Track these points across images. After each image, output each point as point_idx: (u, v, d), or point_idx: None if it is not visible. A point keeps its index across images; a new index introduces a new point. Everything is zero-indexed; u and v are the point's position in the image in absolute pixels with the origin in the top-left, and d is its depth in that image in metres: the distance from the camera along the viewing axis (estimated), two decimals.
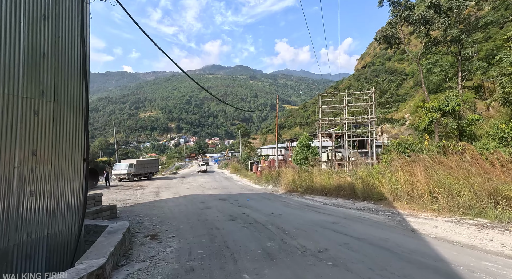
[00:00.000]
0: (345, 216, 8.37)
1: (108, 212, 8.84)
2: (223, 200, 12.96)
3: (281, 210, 9.88)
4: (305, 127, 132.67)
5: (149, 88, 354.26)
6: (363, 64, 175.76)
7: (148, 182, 24.31)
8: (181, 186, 20.51)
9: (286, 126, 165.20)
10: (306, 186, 14.04)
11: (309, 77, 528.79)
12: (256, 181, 20.80)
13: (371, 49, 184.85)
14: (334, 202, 11.14)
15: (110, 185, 21.07)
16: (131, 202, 13.23)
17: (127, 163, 25.76)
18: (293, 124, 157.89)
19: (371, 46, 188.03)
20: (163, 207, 11.45)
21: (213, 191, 16.66)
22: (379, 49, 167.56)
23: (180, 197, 14.35)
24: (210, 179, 25.85)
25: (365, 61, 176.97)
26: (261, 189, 16.85)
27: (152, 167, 30.12)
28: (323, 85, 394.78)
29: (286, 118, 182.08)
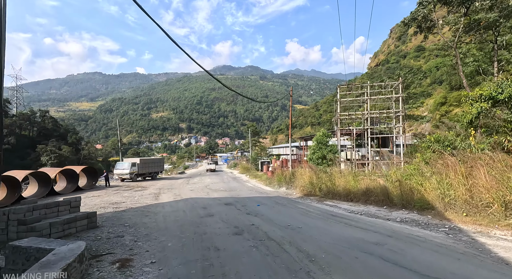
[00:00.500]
0: (388, 232, 6.24)
1: (85, 221, 7.14)
2: (229, 205, 11.07)
3: (300, 220, 7.87)
4: (317, 126, 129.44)
5: (161, 89, 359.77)
6: (376, 62, 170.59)
7: (151, 183, 22.86)
8: (185, 187, 18.84)
9: (297, 126, 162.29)
10: (326, 189, 11.93)
11: (320, 77, 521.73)
12: (267, 182, 18.82)
13: (385, 47, 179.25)
14: (364, 211, 9.00)
15: (110, 185, 19.73)
16: (125, 206, 11.59)
17: (129, 162, 24.36)
18: (304, 124, 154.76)
19: (385, 43, 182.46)
20: (158, 213, 9.69)
21: (219, 194, 14.83)
22: (393, 46, 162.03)
23: (181, 201, 12.59)
24: (217, 180, 24.11)
25: (378, 59, 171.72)
26: (273, 192, 14.87)
27: (157, 166, 28.74)
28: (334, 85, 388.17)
29: (297, 117, 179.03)
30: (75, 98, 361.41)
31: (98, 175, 19.63)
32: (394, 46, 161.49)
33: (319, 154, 16.27)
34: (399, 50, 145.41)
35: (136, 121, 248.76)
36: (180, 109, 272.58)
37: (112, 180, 24.43)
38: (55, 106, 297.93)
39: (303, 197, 12.50)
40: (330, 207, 10.05)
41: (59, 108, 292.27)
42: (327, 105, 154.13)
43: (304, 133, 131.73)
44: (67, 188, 16.76)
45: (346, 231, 6.46)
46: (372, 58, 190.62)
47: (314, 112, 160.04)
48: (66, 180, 17.23)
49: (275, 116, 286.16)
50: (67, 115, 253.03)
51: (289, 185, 15.07)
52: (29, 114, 77.72)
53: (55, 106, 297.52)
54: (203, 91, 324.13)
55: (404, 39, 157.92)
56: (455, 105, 61.93)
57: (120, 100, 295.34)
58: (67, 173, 17.29)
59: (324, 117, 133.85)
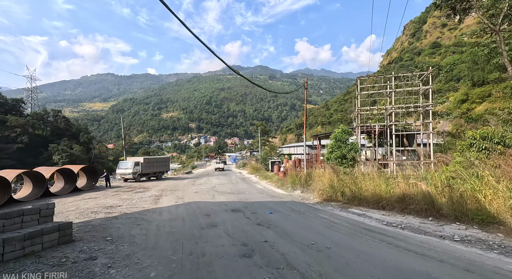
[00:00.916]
0: (460, 262, 4.41)
1: (56, 235, 5.68)
2: (237, 211, 9.46)
3: (326, 236, 6.14)
4: (327, 126, 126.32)
5: (171, 89, 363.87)
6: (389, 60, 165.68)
7: (155, 183, 21.58)
8: (189, 188, 17.39)
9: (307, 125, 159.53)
10: (351, 194, 10.11)
11: (330, 76, 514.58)
12: (279, 184, 17.10)
13: (398, 44, 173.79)
14: (404, 223, 7.16)
15: (110, 186, 18.56)
16: (119, 211, 10.19)
17: (132, 161, 22.86)
18: (314, 123, 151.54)
19: (398, 41, 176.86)
20: (152, 222, 8.19)
21: (226, 197, 13.25)
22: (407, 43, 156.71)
23: (182, 205, 11.08)
24: (225, 181, 22.58)
25: (391, 57, 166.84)
26: (287, 196, 13.16)
27: (162, 166, 27.21)
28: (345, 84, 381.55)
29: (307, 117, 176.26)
30: (88, 99, 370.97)
31: (98, 175, 18.51)
32: (408, 43, 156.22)
33: (338, 153, 14.40)
34: (413, 47, 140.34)
35: (147, 121, 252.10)
36: (190, 109, 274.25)
37: (114, 181, 23.36)
38: (70, 107, 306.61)
39: (322, 203, 10.72)
40: (358, 216, 8.25)
41: (73, 108, 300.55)
42: (337, 104, 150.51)
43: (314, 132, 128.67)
44: (64, 189, 15.64)
45: (396, 257, 4.69)
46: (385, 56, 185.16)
47: (324, 111, 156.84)
48: (63, 180, 16.14)
49: (284, 116, 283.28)
50: (81, 115, 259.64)
51: (305, 188, 13.30)
52: (43, 113, 79.16)
53: (69, 107, 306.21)
54: (212, 91, 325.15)
55: (418, 36, 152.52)
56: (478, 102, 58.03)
57: (132, 101, 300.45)
58: (65, 172, 16.22)
59: (335, 116, 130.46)
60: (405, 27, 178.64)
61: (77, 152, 70.20)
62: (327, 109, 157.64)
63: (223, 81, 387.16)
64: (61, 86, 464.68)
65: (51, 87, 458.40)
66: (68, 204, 12.15)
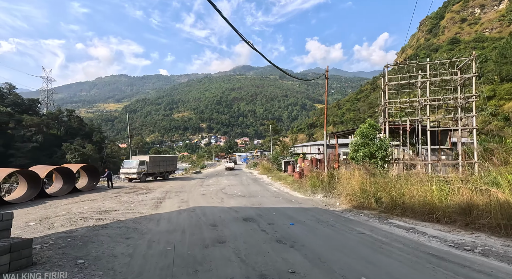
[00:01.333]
0: None
1: (6, 259, 4.15)
2: (250, 221, 7.73)
3: (377, 265, 4.30)
4: (339, 125, 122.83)
5: (183, 90, 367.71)
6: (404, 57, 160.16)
7: (160, 184, 20.21)
8: (196, 190, 15.85)
9: (318, 125, 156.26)
10: (390, 201, 8.16)
11: (341, 75, 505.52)
12: (295, 186, 15.26)
13: (414, 41, 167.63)
14: (479, 244, 5.21)
15: (113, 186, 17.31)
16: (113, 217, 8.71)
17: (137, 160, 21.31)
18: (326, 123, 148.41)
19: (414, 37, 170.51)
20: (145, 234, 6.59)
21: (236, 201, 11.57)
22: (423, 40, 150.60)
23: (185, 212, 9.47)
24: (235, 182, 20.94)
25: (406, 54, 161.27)
26: (306, 201, 11.33)
27: (169, 165, 25.52)
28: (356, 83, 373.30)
29: (318, 116, 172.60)
30: (103, 100, 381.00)
31: (99, 175, 17.32)
32: (424, 39, 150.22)
33: (365, 151, 12.42)
34: (430, 44, 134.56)
35: (159, 121, 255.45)
36: (201, 109, 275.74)
37: (118, 181, 22.21)
38: (85, 107, 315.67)
39: (352, 211, 8.82)
40: (407, 232, 6.33)
41: (88, 109, 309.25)
42: (350, 103, 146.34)
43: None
44: (62, 190, 14.46)
45: None
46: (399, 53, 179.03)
47: (336, 110, 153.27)
48: (62, 180, 15.00)
49: (295, 115, 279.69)
50: (95, 115, 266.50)
51: (328, 192, 11.40)
52: (57, 113, 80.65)
53: (85, 107, 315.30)
54: (222, 91, 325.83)
55: (435, 32, 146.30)
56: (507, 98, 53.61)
57: (144, 101, 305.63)
58: (64, 172, 15.06)
59: (347, 115, 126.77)
60: (421, 23, 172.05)
61: (89, 151, 70.88)
62: (339, 108, 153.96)
63: (234, 81, 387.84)
64: (77, 88, 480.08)
65: (68, 88, 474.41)
66: (60, 207, 10.84)
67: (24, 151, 59.73)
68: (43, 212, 10.07)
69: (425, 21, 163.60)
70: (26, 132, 64.58)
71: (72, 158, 64.43)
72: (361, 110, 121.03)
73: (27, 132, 64.63)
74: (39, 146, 64.00)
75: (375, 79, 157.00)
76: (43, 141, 65.89)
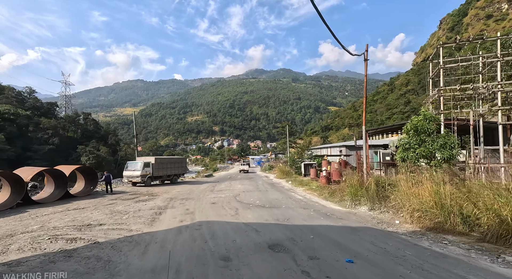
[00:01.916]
0: None
1: None
2: (279, 251, 5.12)
3: None
4: (355, 128, 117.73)
5: (196, 94, 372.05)
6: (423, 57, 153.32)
7: (166, 188, 17.95)
8: (206, 197, 13.41)
9: (332, 127, 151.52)
10: (497, 223, 5.31)
11: (355, 78, 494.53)
12: (325, 194, 12.44)
13: (434, 40, 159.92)
14: None
15: (112, 191, 15.22)
16: (90, 238, 6.39)
17: (141, 162, 19.04)
18: (341, 125, 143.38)
19: (434, 36, 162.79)
20: (116, 276, 4.17)
21: (255, 214, 8.99)
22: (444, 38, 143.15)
23: (187, 230, 6.98)
24: (251, 187, 18.36)
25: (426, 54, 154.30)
26: (348, 215, 8.55)
27: (178, 167, 23.11)
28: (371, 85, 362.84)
29: (333, 119, 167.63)
30: (120, 104, 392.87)
31: (97, 178, 15.31)
32: (446, 37, 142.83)
33: (422, 151, 9.50)
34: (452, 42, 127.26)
35: (173, 124, 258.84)
36: (214, 113, 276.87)
37: (121, 185, 20.18)
38: (103, 112, 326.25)
39: (427, 235, 5.98)
40: None
41: (106, 113, 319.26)
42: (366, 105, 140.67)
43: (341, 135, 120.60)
44: (52, 195, 12.48)
45: None
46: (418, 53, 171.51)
47: (351, 112, 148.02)
48: (54, 184, 13.08)
49: (308, 118, 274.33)
50: (112, 119, 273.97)
51: (376, 204, 8.56)
52: (74, 116, 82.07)
53: (103, 112, 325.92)
54: (235, 95, 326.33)
55: (458, 29, 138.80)
56: None
57: (159, 105, 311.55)
58: (57, 175, 13.14)
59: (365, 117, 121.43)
60: (442, 21, 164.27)
61: (103, 154, 71.03)
62: (354, 111, 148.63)
63: (246, 84, 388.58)
64: (96, 93, 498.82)
65: (87, 93, 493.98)
66: (37, 219, 8.72)
67: (41, 153, 60.35)
68: (13, 225, 7.97)
69: (446, 19, 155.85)
70: (43, 135, 65.51)
71: (87, 160, 64.60)
72: (378, 111, 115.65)
73: (44, 135, 65.57)
74: (55, 148, 64.67)
75: (393, 80, 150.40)
76: (59, 144, 66.64)
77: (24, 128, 63.11)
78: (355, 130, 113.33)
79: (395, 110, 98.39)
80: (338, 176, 15.22)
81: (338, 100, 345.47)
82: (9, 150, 52.82)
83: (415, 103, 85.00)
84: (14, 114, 61.69)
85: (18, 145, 57.06)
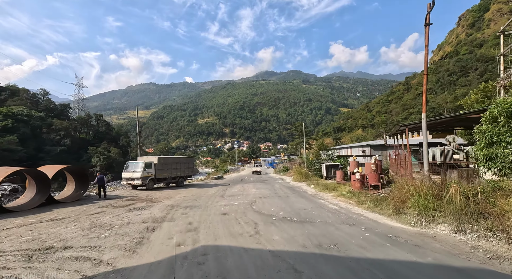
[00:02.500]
0: None
1: None
2: None
3: None
4: (369, 129, 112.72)
5: (207, 96, 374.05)
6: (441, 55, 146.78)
7: (170, 192, 15.51)
8: (215, 205, 10.89)
9: (345, 128, 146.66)
10: None
11: (367, 79, 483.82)
12: (369, 203, 9.64)
13: (453, 37, 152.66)
14: None
15: (105, 196, 12.94)
16: (36, 274, 3.99)
17: (142, 162, 16.54)
18: (354, 126, 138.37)
19: (453, 33, 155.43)
20: None
21: (283, 234, 6.37)
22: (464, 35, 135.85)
23: (185, 264, 4.46)
24: (267, 191, 15.71)
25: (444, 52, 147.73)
26: (425, 240, 5.79)
27: (184, 168, 20.51)
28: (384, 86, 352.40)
29: (345, 120, 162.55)
30: (132, 107, 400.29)
31: (88, 181, 13.15)
32: (466, 34, 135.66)
33: None
34: (472, 39, 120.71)
35: (184, 126, 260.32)
36: (224, 115, 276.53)
37: (119, 188, 18.00)
38: (117, 114, 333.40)
39: None
40: None
41: (119, 116, 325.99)
42: (380, 105, 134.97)
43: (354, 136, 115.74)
44: (32, 201, 10.33)
45: None
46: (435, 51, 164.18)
47: (365, 113, 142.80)
48: (36, 187, 10.97)
49: (319, 120, 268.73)
50: (125, 122, 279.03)
51: (469, 223, 5.75)
52: (86, 118, 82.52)
53: (116, 114, 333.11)
54: (245, 97, 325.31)
55: (479, 25, 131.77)
56: None
57: (170, 108, 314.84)
58: (40, 177, 11.02)
59: (378, 118, 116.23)
60: (460, 18, 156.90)
61: (114, 155, 70.41)
62: (368, 111, 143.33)
63: (256, 86, 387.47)
64: (110, 96, 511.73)
65: (102, 97, 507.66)
66: None
67: (53, 154, 60.21)
68: None
69: (466, 15, 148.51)
70: (55, 136, 65.59)
71: (97, 161, 64.07)
72: (393, 112, 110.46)
73: (56, 136, 65.63)
74: (66, 149, 64.55)
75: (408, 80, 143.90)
76: (70, 145, 66.51)
77: (40, 130, 63.37)
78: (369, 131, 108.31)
79: (412, 110, 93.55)
80: (376, 180, 12.37)
81: (349, 102, 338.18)
82: (21, 151, 52.55)
83: (433, 102, 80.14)
84: (28, 116, 62.01)
85: (31, 146, 57.05)
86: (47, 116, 70.88)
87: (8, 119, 57.10)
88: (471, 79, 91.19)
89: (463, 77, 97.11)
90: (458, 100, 70.28)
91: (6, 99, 71.07)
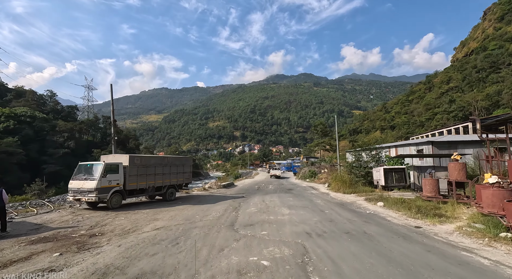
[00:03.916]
0: None
1: None
2: None
3: None
4: (389, 131, 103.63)
5: (218, 100, 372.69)
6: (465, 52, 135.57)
7: (142, 216, 9.19)
8: (220, 264, 4.65)
9: (362, 130, 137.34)
10: None
11: (380, 81, 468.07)
12: None
13: (478, 33, 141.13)
14: None
15: (5, 230, 6.49)
16: None
17: (102, 164, 10.41)
18: (371, 128, 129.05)
19: (477, 28, 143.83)
20: None
21: None
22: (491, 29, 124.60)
23: None
24: (310, 214, 9.22)
25: (468, 48, 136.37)
26: None
27: (176, 173, 13.81)
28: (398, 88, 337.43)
29: (361, 122, 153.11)
30: (145, 112, 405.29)
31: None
32: (494, 28, 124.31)
33: None
34: (502, 33, 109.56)
35: (195, 130, 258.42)
36: (235, 118, 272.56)
37: (63, 206, 11.18)
38: (130, 119, 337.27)
39: None
40: None
41: (133, 120, 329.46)
42: (399, 106, 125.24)
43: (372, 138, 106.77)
44: None
45: None
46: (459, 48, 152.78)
47: (382, 114, 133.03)
48: None
49: (331, 122, 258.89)
50: (138, 126, 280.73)
51: None
52: (94, 120, 79.66)
53: (130, 119, 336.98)
54: (256, 100, 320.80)
55: (509, 19, 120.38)
56: None
57: (182, 112, 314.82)
58: None
59: (398, 119, 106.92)
60: (486, 12, 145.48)
61: None
62: (386, 112, 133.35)
63: (267, 89, 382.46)
64: (124, 101, 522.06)
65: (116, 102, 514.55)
66: None
67: (56, 157, 56.55)
68: None
69: (492, 8, 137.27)
70: (59, 138, 62.16)
71: None
72: (415, 112, 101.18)
73: (59, 138, 62.21)
74: (70, 152, 60.87)
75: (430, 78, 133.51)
76: (75, 147, 62.85)
77: (45, 132, 59.99)
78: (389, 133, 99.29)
79: (438, 110, 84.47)
80: None
81: (362, 104, 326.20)
82: (20, 153, 48.32)
83: (461, 101, 71.38)
84: (31, 117, 58.84)
85: (33, 149, 53.30)
86: (54, 118, 67.95)
87: (10, 120, 53.81)
88: (504, 75, 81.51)
89: (494, 73, 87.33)
90: (491, 97, 61.45)
91: (11, 100, 68.66)
